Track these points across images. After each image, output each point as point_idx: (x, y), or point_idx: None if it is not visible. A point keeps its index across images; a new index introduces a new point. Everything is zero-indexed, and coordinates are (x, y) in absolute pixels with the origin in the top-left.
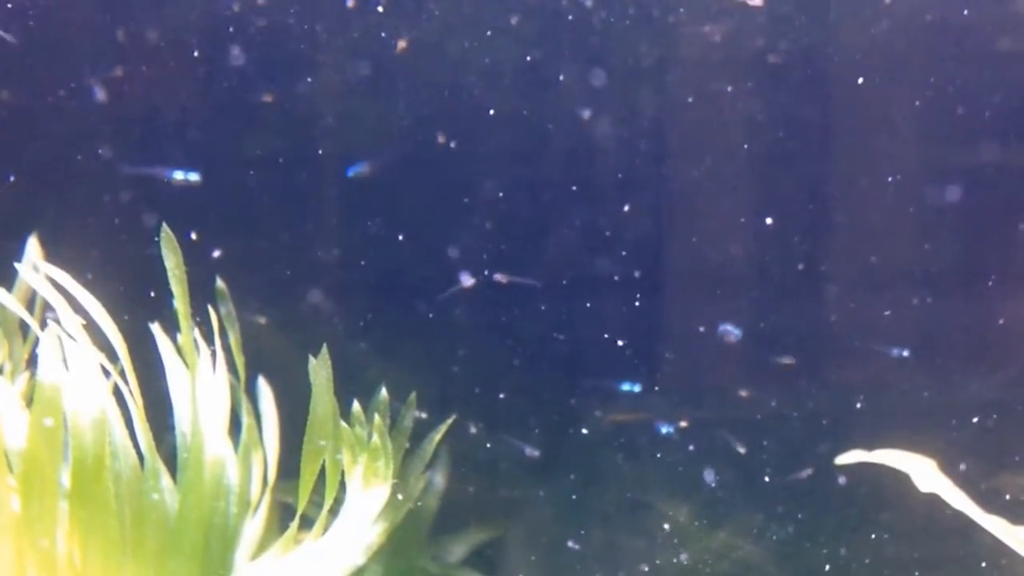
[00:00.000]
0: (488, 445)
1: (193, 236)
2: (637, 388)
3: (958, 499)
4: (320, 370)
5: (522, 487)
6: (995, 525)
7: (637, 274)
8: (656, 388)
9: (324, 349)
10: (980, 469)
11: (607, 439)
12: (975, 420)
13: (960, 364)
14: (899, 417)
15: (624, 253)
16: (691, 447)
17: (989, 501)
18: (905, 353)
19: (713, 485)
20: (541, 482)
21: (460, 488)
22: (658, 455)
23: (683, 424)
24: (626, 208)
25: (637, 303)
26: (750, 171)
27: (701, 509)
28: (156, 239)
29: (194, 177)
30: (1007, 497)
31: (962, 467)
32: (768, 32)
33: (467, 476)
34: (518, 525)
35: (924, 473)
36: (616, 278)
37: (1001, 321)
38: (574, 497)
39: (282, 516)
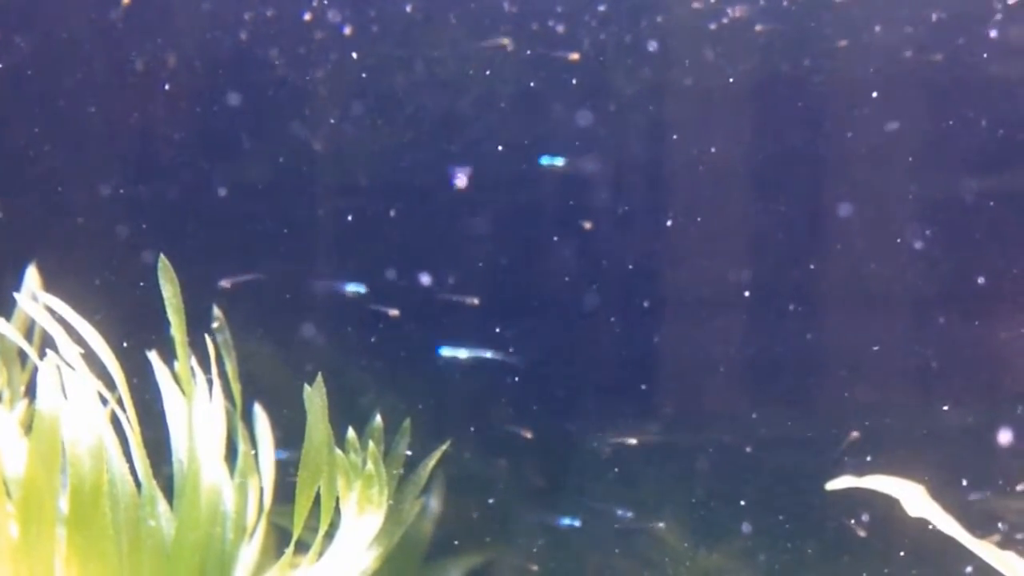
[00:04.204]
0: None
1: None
2: None
3: (947, 524)
4: (315, 398)
5: (518, 510)
6: (984, 550)
7: (631, 298)
8: (650, 411)
9: (319, 377)
10: (970, 492)
11: (601, 462)
12: (966, 443)
13: (952, 387)
14: (891, 441)
15: (616, 277)
16: (682, 470)
17: (980, 525)
18: (897, 377)
19: (705, 507)
20: (537, 506)
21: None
22: (650, 477)
23: (677, 446)
24: (620, 232)
25: (631, 327)
26: (745, 195)
27: (694, 531)
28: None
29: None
30: (1000, 525)
31: (951, 490)
32: (760, 59)
33: (462, 499)
34: (513, 548)
35: (914, 498)
36: (611, 302)
37: (994, 345)
38: (569, 520)
39: (278, 540)
